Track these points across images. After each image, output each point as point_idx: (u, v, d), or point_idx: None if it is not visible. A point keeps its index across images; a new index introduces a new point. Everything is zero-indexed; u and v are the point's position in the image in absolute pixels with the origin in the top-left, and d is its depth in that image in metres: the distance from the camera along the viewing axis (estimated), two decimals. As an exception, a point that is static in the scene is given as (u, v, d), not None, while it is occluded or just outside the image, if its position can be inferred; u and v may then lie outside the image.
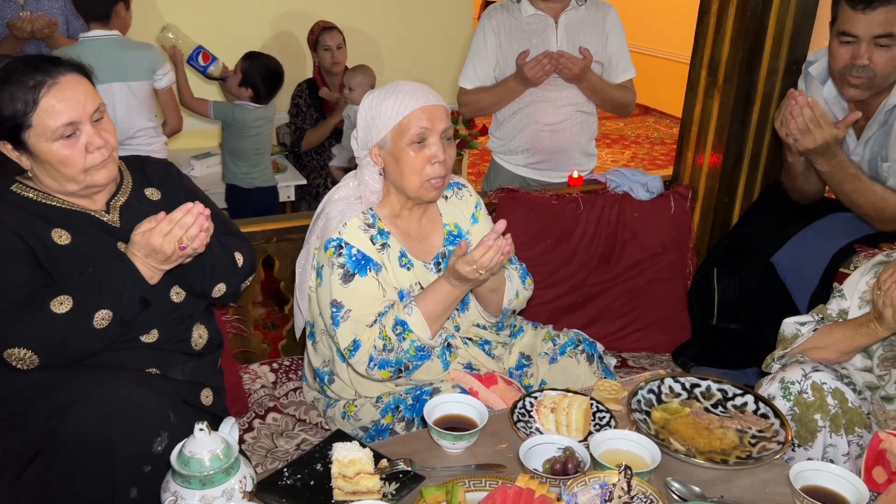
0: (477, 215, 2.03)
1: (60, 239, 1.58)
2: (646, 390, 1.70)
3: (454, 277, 1.73)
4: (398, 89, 1.77)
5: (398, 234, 1.88)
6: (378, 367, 1.76)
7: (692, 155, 2.78)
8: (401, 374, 1.79)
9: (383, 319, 1.77)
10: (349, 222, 1.80)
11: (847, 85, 2.10)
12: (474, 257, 1.66)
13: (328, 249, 1.80)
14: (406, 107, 1.74)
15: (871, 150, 2.18)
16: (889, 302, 1.60)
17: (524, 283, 2.00)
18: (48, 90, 1.51)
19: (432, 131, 1.76)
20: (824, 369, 1.65)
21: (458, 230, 1.98)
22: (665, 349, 2.60)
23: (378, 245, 1.83)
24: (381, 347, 1.75)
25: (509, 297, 1.93)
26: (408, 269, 1.87)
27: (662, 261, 2.65)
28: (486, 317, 1.96)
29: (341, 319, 1.77)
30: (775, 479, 1.47)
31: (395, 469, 1.44)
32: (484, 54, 2.74)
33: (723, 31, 2.56)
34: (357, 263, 1.78)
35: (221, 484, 1.29)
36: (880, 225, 2.15)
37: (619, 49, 2.75)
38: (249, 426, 2.05)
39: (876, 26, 1.98)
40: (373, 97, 1.80)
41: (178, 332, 1.72)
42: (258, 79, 3.54)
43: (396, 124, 1.75)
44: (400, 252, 1.86)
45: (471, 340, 1.94)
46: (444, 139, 1.78)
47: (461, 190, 2.03)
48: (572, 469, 1.41)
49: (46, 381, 1.48)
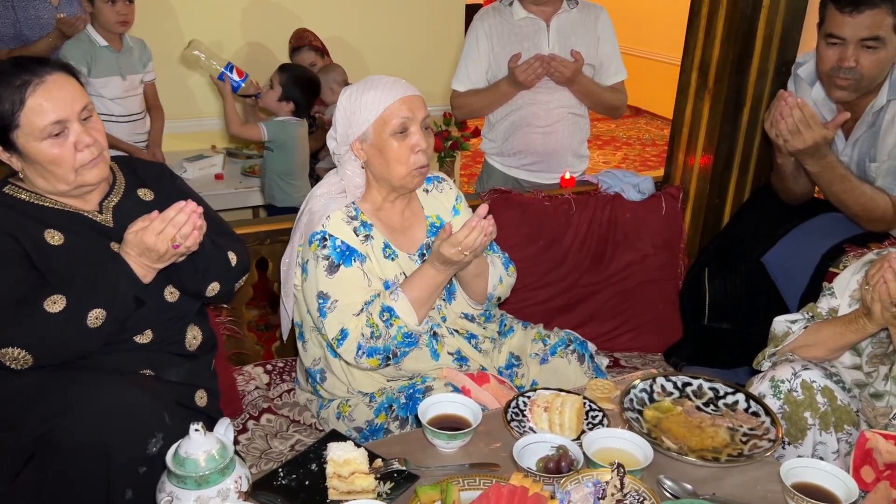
0: (458, 207, 2.06)
1: (53, 239, 1.58)
2: (638, 389, 1.71)
3: (438, 261, 1.75)
4: (376, 83, 1.81)
5: (381, 226, 1.90)
6: (366, 355, 1.77)
7: (683, 156, 2.80)
8: (389, 361, 1.80)
9: (370, 307, 1.78)
10: (332, 215, 1.83)
11: (834, 86, 2.12)
12: (458, 238, 1.69)
13: (312, 243, 1.82)
14: (386, 98, 1.78)
15: (859, 151, 2.20)
16: (877, 297, 1.62)
17: (507, 269, 2.03)
18: (34, 89, 1.51)
19: (413, 121, 1.79)
20: (814, 368, 1.67)
21: (440, 222, 2.01)
22: (657, 349, 2.62)
23: (361, 236, 1.85)
24: (368, 335, 1.76)
25: (493, 283, 1.96)
26: (392, 260, 1.89)
27: (654, 261, 2.67)
28: (472, 304, 1.98)
29: (328, 310, 1.79)
30: (766, 476, 1.48)
31: (390, 468, 1.45)
32: (476, 57, 2.75)
33: (713, 34, 2.58)
34: (342, 254, 1.80)
35: (217, 484, 1.29)
36: (869, 225, 2.18)
37: (610, 51, 2.77)
38: (243, 427, 2.05)
39: (862, 29, 2.00)
40: (350, 92, 1.84)
41: (173, 333, 1.73)
42: (298, 91, 3.38)
43: (378, 116, 1.78)
44: (384, 243, 1.89)
45: (457, 332, 1.96)
46: (423, 128, 1.82)
47: (441, 183, 2.06)
48: (566, 467, 1.42)
49: (41, 383, 1.49)
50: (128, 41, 3.40)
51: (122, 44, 3.37)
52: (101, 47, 3.28)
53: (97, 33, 3.27)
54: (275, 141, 3.37)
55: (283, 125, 3.36)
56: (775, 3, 2.47)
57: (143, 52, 3.50)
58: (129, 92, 3.40)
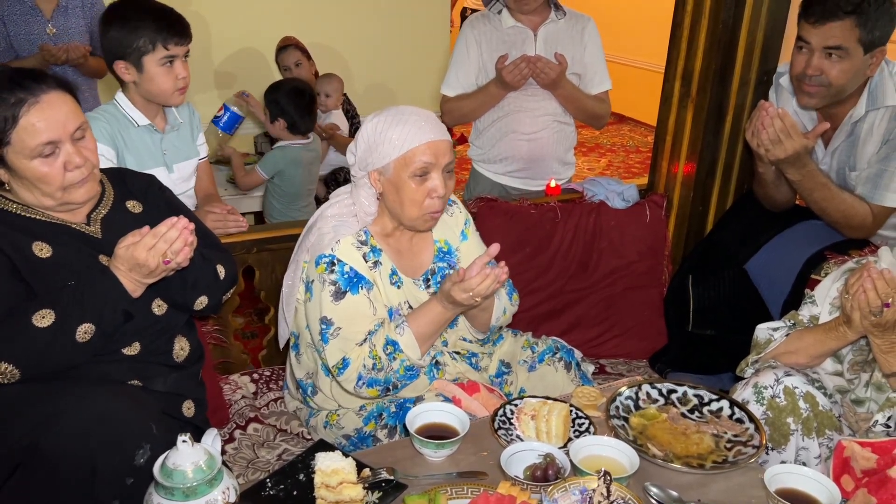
0: (466, 232, 2.05)
1: (41, 252, 1.57)
2: (624, 396, 1.73)
3: (448, 301, 1.75)
4: (405, 118, 1.76)
5: (389, 251, 1.89)
6: (366, 386, 1.77)
7: (667, 164, 2.82)
8: (388, 392, 1.80)
9: (374, 338, 1.77)
10: (342, 239, 1.80)
11: (802, 93, 2.16)
12: (471, 285, 1.68)
13: (319, 265, 1.79)
14: (413, 140, 1.73)
15: (838, 160, 2.24)
16: (856, 305, 1.64)
17: (511, 299, 2.03)
18: (28, 108, 1.50)
19: (436, 166, 1.76)
20: (796, 374, 1.70)
21: (447, 247, 2.00)
22: (642, 355, 2.64)
23: (370, 263, 1.83)
24: (370, 366, 1.76)
25: (497, 315, 1.97)
26: (398, 287, 1.88)
27: (639, 268, 2.69)
28: (475, 333, 1.99)
29: (330, 336, 1.78)
30: (750, 482, 1.50)
31: (378, 478, 1.45)
32: (466, 62, 2.78)
33: (696, 44, 2.61)
34: (349, 281, 1.79)
35: (204, 495, 1.29)
36: (849, 232, 2.21)
37: (595, 60, 2.80)
38: (230, 437, 2.04)
39: (827, 38, 2.04)
40: (378, 122, 1.78)
41: (160, 345, 1.72)
42: (284, 103, 3.29)
43: (401, 155, 1.74)
44: (391, 270, 1.88)
45: (458, 355, 1.97)
46: (445, 172, 1.80)
47: (451, 207, 2.05)
48: (553, 475, 1.43)
49: (28, 394, 1.48)
50: (174, 114, 2.28)
51: (168, 120, 2.27)
52: (140, 128, 2.19)
53: (134, 108, 2.17)
54: (276, 174, 3.33)
55: (283, 153, 3.30)
56: (756, 13, 2.50)
57: (192, 120, 2.37)
58: (178, 187, 2.25)
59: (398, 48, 4.73)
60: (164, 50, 2.07)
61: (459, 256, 2.00)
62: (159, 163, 2.23)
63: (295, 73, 3.89)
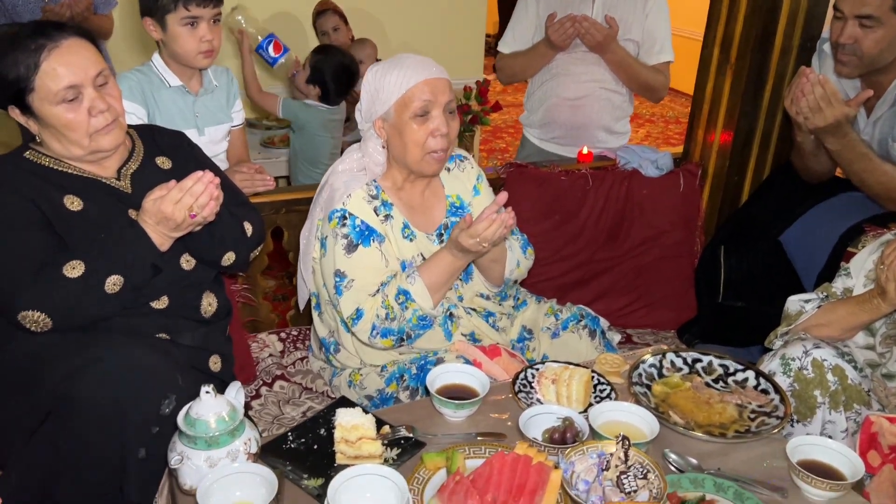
0: (478, 187, 2.04)
1: (73, 205, 1.60)
2: (647, 364, 1.71)
3: (457, 249, 1.75)
4: (401, 62, 1.79)
5: (401, 205, 1.90)
6: (380, 336, 1.78)
7: (703, 133, 2.76)
8: (402, 342, 1.81)
9: (386, 289, 1.79)
10: (353, 193, 1.82)
11: (836, 61, 2.12)
12: (478, 230, 1.68)
13: (332, 220, 1.82)
14: (409, 80, 1.76)
15: (881, 130, 2.17)
16: (892, 276, 1.60)
17: (525, 252, 2.02)
18: (49, 53, 1.53)
19: (435, 104, 1.77)
20: (825, 346, 1.66)
21: (460, 202, 2.00)
22: (670, 326, 2.61)
23: (381, 216, 1.85)
24: (383, 316, 1.77)
25: (510, 267, 1.96)
26: (410, 241, 1.89)
27: (670, 238, 2.65)
28: (489, 286, 1.98)
29: (344, 289, 1.80)
30: (773, 452, 1.48)
31: (397, 435, 1.47)
32: (524, 19, 2.74)
33: (737, 9, 2.53)
34: (361, 234, 1.81)
35: (226, 445, 1.32)
36: (889, 204, 2.15)
37: (656, 29, 2.68)
38: (257, 393, 2.08)
39: (860, 6, 2.00)
40: (376, 70, 1.82)
41: (188, 300, 1.75)
42: (328, 76, 3.22)
43: (399, 97, 1.77)
44: (403, 223, 1.88)
45: (474, 311, 1.96)
46: (446, 112, 1.80)
47: (463, 162, 2.05)
48: (571, 438, 1.44)
49: (60, 344, 1.52)
50: (209, 77, 2.31)
51: (203, 83, 2.30)
52: (172, 89, 2.21)
53: (168, 69, 2.20)
54: (294, 122, 3.31)
55: (306, 108, 3.28)
56: (801, -23, 2.42)
57: (230, 86, 2.39)
58: (208, 150, 2.15)
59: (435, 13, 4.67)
60: (185, 10, 2.07)
61: (472, 211, 1.99)
62: (190, 125, 2.24)
63: (332, 38, 3.86)
